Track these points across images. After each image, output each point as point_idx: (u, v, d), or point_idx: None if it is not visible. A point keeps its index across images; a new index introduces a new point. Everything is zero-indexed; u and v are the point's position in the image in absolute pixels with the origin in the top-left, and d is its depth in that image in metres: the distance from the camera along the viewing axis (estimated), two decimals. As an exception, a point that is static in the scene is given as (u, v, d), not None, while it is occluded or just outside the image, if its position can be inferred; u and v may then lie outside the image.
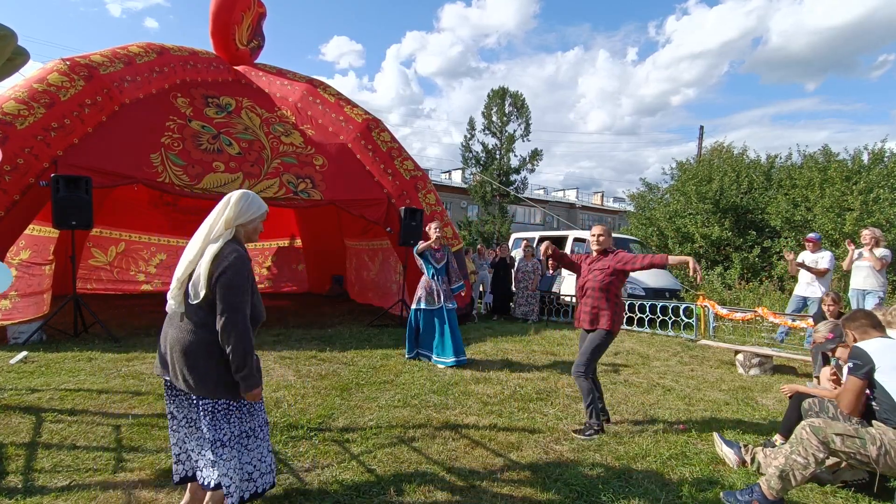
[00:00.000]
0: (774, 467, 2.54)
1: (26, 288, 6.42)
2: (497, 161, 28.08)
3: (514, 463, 3.09)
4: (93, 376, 4.51)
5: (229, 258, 1.98)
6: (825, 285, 6.82)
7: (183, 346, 2.02)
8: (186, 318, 2.04)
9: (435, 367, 5.45)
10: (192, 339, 2.01)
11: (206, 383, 2.02)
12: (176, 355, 2.03)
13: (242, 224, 2.12)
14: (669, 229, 15.70)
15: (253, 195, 2.18)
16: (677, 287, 10.37)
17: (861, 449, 2.42)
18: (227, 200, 2.11)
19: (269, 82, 8.83)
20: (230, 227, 2.08)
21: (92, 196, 5.82)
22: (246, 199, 2.13)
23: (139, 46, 7.48)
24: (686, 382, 5.17)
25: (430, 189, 8.84)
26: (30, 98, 5.89)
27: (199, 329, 2.02)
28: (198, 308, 2.01)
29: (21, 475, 2.66)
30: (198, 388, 2.02)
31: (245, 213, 2.12)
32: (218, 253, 1.99)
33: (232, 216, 2.09)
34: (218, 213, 2.10)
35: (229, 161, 7.04)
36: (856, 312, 2.92)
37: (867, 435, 2.44)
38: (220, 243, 2.02)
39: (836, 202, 12.26)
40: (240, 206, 2.11)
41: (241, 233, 2.14)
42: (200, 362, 2.01)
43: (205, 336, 2.01)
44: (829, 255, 6.86)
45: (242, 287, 1.99)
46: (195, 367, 2.00)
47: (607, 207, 43.82)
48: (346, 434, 3.42)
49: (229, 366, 2.02)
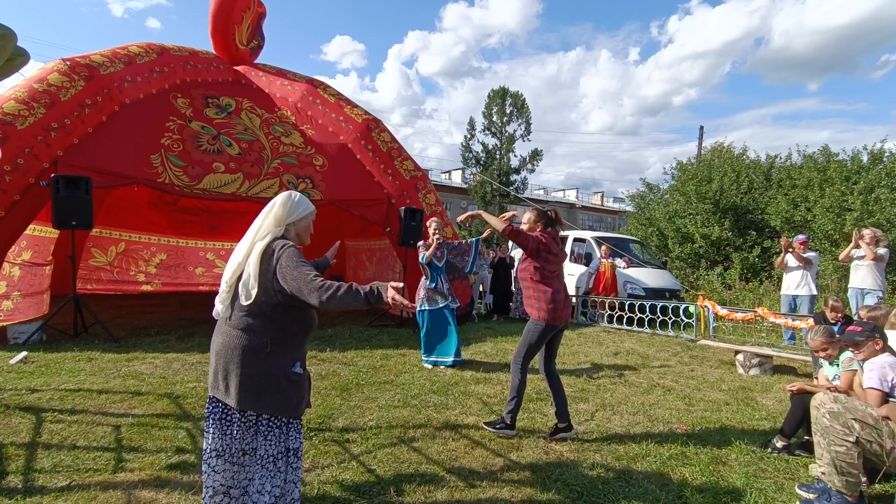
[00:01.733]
0: (827, 466, 2.50)
1: (28, 288, 6.43)
2: (497, 161, 28.09)
3: (514, 463, 3.09)
4: (93, 376, 4.51)
5: (278, 246, 1.94)
6: (813, 283, 6.99)
7: (228, 351, 1.93)
8: (232, 323, 1.96)
9: (435, 367, 5.45)
10: (237, 343, 1.93)
11: (247, 392, 1.91)
12: (220, 362, 1.95)
13: (293, 222, 2.09)
14: (669, 229, 15.71)
15: (299, 195, 2.15)
16: (677, 287, 10.38)
17: (878, 438, 2.41)
18: (274, 202, 2.09)
19: (269, 82, 8.84)
20: (280, 225, 2.04)
21: (92, 196, 5.82)
22: (293, 198, 2.11)
23: (139, 46, 7.49)
24: (686, 382, 5.17)
25: (430, 189, 8.84)
26: (30, 98, 5.89)
27: (245, 334, 1.93)
28: (247, 311, 1.93)
29: (21, 475, 2.66)
30: (239, 397, 1.91)
31: (294, 211, 2.09)
32: (265, 249, 1.94)
33: (282, 214, 2.06)
34: (265, 213, 2.07)
35: (229, 161, 7.04)
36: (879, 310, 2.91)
37: (885, 427, 2.44)
38: (267, 239, 1.98)
39: (837, 202, 12.27)
40: (288, 205, 2.08)
41: (292, 232, 2.10)
42: (244, 369, 1.91)
43: (251, 341, 1.92)
44: (815, 254, 7.18)
45: (304, 264, 1.90)
46: (238, 374, 1.91)
47: (607, 207, 43.83)
48: (346, 434, 3.42)
49: (274, 377, 1.94)
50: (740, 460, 3.21)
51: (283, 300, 1.94)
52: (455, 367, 5.47)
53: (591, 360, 6.08)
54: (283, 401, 1.97)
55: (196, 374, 4.71)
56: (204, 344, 5.97)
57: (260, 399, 1.92)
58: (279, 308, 1.96)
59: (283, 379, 1.97)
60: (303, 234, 2.16)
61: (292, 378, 2.00)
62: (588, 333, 8.10)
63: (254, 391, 1.92)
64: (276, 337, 1.96)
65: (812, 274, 7.01)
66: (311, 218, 2.17)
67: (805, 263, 6.97)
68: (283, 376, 1.97)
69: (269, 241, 1.98)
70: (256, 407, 1.93)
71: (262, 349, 1.93)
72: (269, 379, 1.94)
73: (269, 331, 1.95)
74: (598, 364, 5.90)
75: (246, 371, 1.91)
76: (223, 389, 1.95)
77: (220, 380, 1.95)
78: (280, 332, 1.98)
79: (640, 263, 10.49)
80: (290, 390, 1.98)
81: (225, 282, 1.99)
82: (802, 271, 7.02)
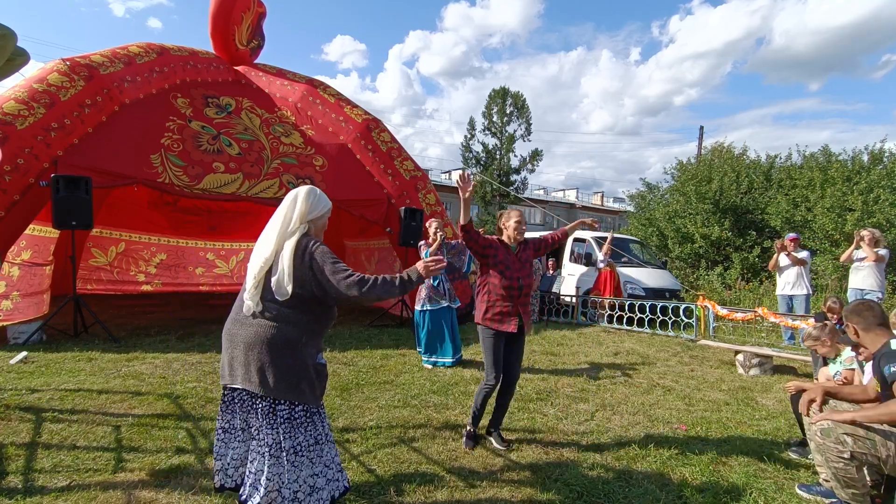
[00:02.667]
0: (832, 480, 2.47)
1: (28, 288, 6.42)
2: (497, 161, 28.09)
3: (514, 463, 3.09)
4: (93, 376, 4.51)
5: (310, 243, 2.01)
6: (807, 282, 7.07)
7: (262, 343, 1.96)
8: (265, 316, 1.99)
9: (435, 367, 5.45)
10: (274, 334, 1.96)
11: (286, 383, 1.96)
12: (252, 354, 1.96)
13: (314, 219, 2.13)
14: (669, 229, 15.70)
15: (319, 191, 2.20)
16: (677, 287, 10.38)
17: (871, 449, 2.37)
18: (295, 197, 2.12)
19: (269, 82, 8.84)
20: (304, 222, 2.09)
21: (92, 196, 5.82)
22: (314, 193, 2.15)
23: (139, 46, 7.49)
24: (686, 382, 5.17)
25: (430, 189, 8.84)
26: (30, 98, 5.89)
27: (282, 325, 1.98)
28: (281, 305, 1.98)
29: (21, 475, 2.66)
30: (276, 388, 1.95)
31: (316, 207, 2.14)
32: (297, 244, 2.00)
33: (305, 210, 2.09)
34: (289, 209, 2.09)
35: (229, 161, 7.04)
36: (859, 304, 2.69)
37: (877, 437, 2.40)
38: (297, 237, 2.02)
39: (837, 202, 12.27)
40: (310, 200, 2.12)
41: (312, 228, 2.14)
42: (282, 360, 1.96)
43: (287, 332, 1.98)
44: (807, 252, 7.26)
45: (337, 262, 1.99)
46: (276, 365, 1.95)
47: (607, 207, 43.82)
48: (347, 434, 3.42)
49: (308, 366, 2.02)
50: (740, 460, 3.20)
51: (317, 294, 2.02)
52: (455, 365, 5.48)
53: (591, 360, 6.08)
54: (314, 390, 2.06)
55: (196, 374, 4.71)
56: (204, 344, 5.97)
57: (298, 389, 1.99)
58: (312, 302, 2.04)
59: (313, 369, 2.06)
60: (319, 231, 2.20)
61: (318, 368, 2.11)
62: (588, 333, 8.10)
63: (293, 382, 1.98)
64: (309, 329, 2.05)
65: (806, 273, 7.05)
66: (328, 216, 2.22)
67: (798, 263, 7.00)
68: (312, 367, 2.06)
69: (298, 237, 2.03)
70: (294, 396, 1.99)
71: (298, 341, 2.00)
72: (304, 370, 2.02)
73: (304, 323, 2.02)
74: (598, 364, 5.90)
75: (285, 362, 1.97)
76: (257, 381, 1.96)
77: (253, 372, 1.97)
78: (313, 324, 2.07)
79: (640, 263, 10.49)
80: (318, 380, 2.09)
81: (253, 277, 2.02)
82: (797, 270, 7.05)
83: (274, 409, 1.99)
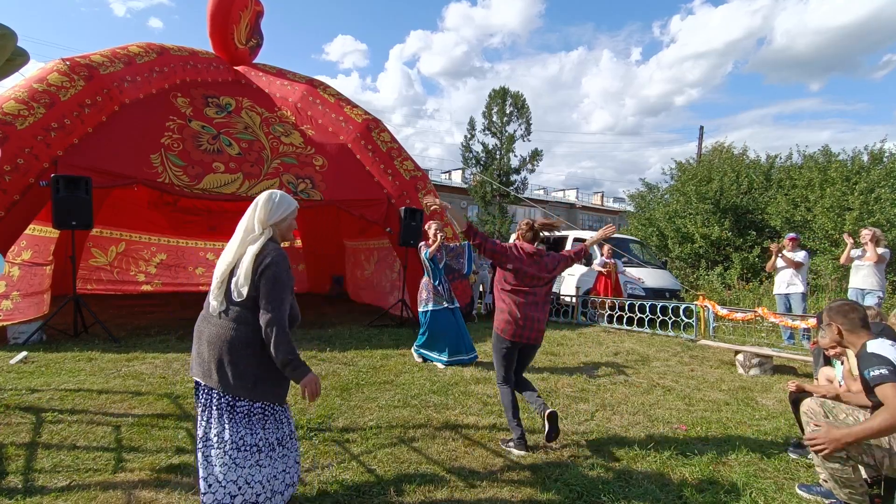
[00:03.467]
0: (830, 480, 2.48)
1: (28, 288, 6.43)
2: (497, 161, 28.07)
3: (514, 463, 3.09)
4: (93, 376, 4.50)
5: (270, 255, 2.04)
6: (803, 281, 7.08)
7: (223, 342, 2.04)
8: (227, 316, 2.07)
9: (435, 367, 5.45)
10: (233, 335, 2.04)
11: (245, 382, 2.04)
12: (213, 352, 2.05)
13: (276, 223, 2.17)
14: (669, 229, 15.70)
15: (280, 194, 2.22)
16: (677, 287, 10.37)
17: (867, 451, 2.38)
18: (256, 203, 2.17)
19: (269, 82, 8.84)
20: (266, 228, 2.13)
21: (92, 196, 5.82)
22: (272, 199, 2.17)
23: (139, 46, 7.49)
24: (686, 382, 5.17)
25: (429, 189, 8.84)
26: (30, 98, 5.89)
27: (241, 326, 2.05)
28: (240, 306, 2.05)
29: (21, 475, 2.66)
30: (235, 386, 2.03)
31: (276, 212, 2.16)
32: (258, 252, 2.04)
33: (264, 216, 2.13)
34: (250, 216, 2.15)
35: (229, 161, 7.04)
36: (844, 305, 2.64)
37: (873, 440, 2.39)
38: (259, 243, 2.07)
39: (837, 202, 12.27)
40: (268, 206, 2.15)
41: (277, 232, 2.18)
42: (241, 360, 2.04)
43: (246, 333, 2.04)
44: (804, 253, 7.24)
45: (286, 283, 2.05)
46: (235, 364, 2.03)
47: (607, 207, 43.81)
48: (347, 434, 3.42)
49: (268, 366, 2.06)
50: (740, 460, 3.21)
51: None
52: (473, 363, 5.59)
53: (591, 360, 6.08)
54: (274, 390, 2.13)
55: (196, 374, 4.71)
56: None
57: (256, 389, 2.06)
58: None
59: (275, 369, 2.08)
60: (286, 233, 2.24)
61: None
62: (588, 333, 8.10)
63: (251, 382, 2.05)
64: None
65: (802, 272, 7.06)
66: (292, 217, 2.24)
67: (794, 266, 7.01)
68: (273, 367, 2.08)
69: (262, 243, 2.08)
70: (253, 396, 2.07)
71: (257, 342, 2.05)
72: (263, 371, 2.08)
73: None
74: (598, 364, 5.90)
75: (243, 362, 2.04)
76: (216, 378, 2.04)
77: (213, 370, 2.05)
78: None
79: (640, 263, 10.49)
80: (281, 381, 2.14)
81: (216, 278, 2.10)
82: (792, 269, 7.08)
83: (233, 406, 2.07)
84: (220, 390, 2.05)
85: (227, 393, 2.05)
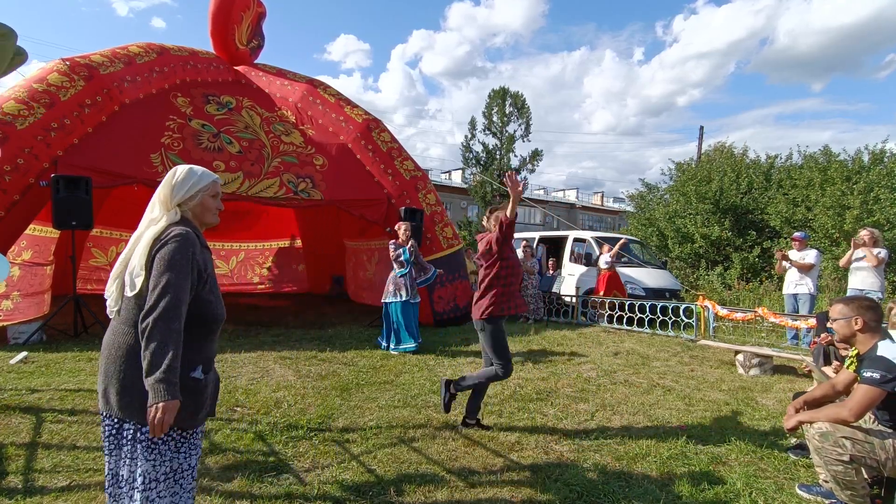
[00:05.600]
0: (831, 482, 2.47)
1: (28, 288, 6.43)
2: (497, 161, 28.08)
3: (514, 463, 3.09)
4: (93, 376, 4.50)
5: (168, 236, 1.66)
6: (813, 282, 6.97)
7: (111, 350, 1.67)
8: (120, 318, 1.70)
9: (435, 367, 5.45)
10: (123, 340, 1.65)
11: (130, 399, 1.62)
12: (102, 363, 1.68)
13: (184, 201, 1.78)
14: (669, 229, 15.71)
15: (187, 167, 1.82)
16: (677, 287, 10.37)
17: (870, 453, 2.37)
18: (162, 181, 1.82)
19: (269, 82, 8.84)
20: (171, 208, 1.75)
21: (92, 196, 5.82)
22: (174, 173, 1.79)
23: (139, 46, 7.49)
24: (686, 382, 5.17)
25: (430, 189, 8.84)
26: (30, 98, 5.89)
27: (133, 329, 1.64)
28: (134, 303, 1.66)
29: (21, 475, 2.66)
30: (120, 405, 1.63)
31: (181, 188, 1.77)
32: (157, 234, 1.67)
33: (167, 194, 1.76)
34: (154, 197, 1.79)
35: (230, 160, 7.04)
36: (871, 302, 2.61)
37: (875, 440, 2.40)
38: (160, 225, 1.69)
39: (837, 202, 12.28)
40: (172, 183, 1.77)
41: (189, 214, 1.80)
42: (129, 371, 1.63)
43: (137, 337, 1.61)
44: (815, 252, 7.07)
45: (179, 264, 1.62)
46: (120, 378, 1.63)
47: (607, 207, 43.82)
48: (346, 434, 3.42)
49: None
50: (740, 460, 3.20)
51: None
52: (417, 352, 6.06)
53: (591, 360, 6.08)
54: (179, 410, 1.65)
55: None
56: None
57: (145, 409, 1.57)
58: None
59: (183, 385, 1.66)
60: (201, 214, 1.83)
61: (188, 384, 1.67)
62: (588, 333, 8.10)
63: (138, 397, 1.60)
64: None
65: (812, 272, 6.98)
66: (206, 193, 1.82)
67: (805, 269, 6.92)
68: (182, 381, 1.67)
69: (162, 226, 1.70)
70: (140, 418, 1.61)
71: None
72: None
73: None
74: (597, 364, 5.90)
75: (131, 373, 1.62)
76: (102, 397, 1.67)
77: (99, 383, 1.68)
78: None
79: (640, 263, 10.48)
80: (187, 398, 1.65)
81: (114, 269, 1.73)
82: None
83: (119, 430, 1.68)
84: (104, 411, 1.68)
85: (111, 414, 1.66)
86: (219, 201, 1.89)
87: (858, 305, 2.58)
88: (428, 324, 7.73)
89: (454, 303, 8.37)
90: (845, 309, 2.59)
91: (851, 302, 2.62)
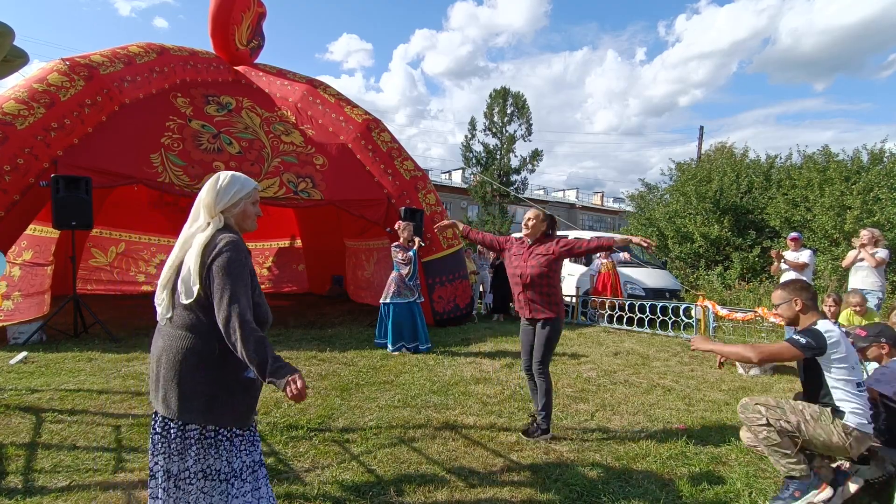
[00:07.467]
0: (771, 456, 2.61)
1: (29, 288, 6.43)
2: (497, 161, 28.08)
3: (514, 463, 3.09)
4: (93, 376, 4.51)
5: (220, 243, 1.70)
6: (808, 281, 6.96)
7: (169, 355, 1.72)
8: (174, 323, 1.75)
9: (435, 367, 5.45)
10: (180, 344, 1.71)
11: (192, 403, 1.70)
12: (160, 369, 1.75)
13: (227, 208, 1.82)
14: (669, 229, 15.71)
15: (229, 174, 1.87)
16: (677, 287, 10.37)
17: (783, 416, 2.54)
18: (204, 188, 1.86)
19: (269, 82, 8.84)
20: (215, 215, 1.80)
21: (92, 196, 5.82)
22: (217, 180, 1.84)
23: (139, 46, 7.49)
24: (686, 382, 5.17)
25: (430, 189, 8.84)
26: (30, 98, 5.90)
27: (189, 333, 1.71)
28: (189, 309, 1.71)
29: (21, 475, 2.67)
30: (181, 409, 1.70)
31: (225, 195, 1.82)
32: (207, 242, 1.72)
33: (211, 201, 1.80)
34: (196, 204, 1.83)
35: (229, 160, 7.04)
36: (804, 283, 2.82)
37: (787, 405, 2.59)
38: (207, 232, 1.74)
39: (836, 202, 12.27)
40: (215, 191, 1.82)
41: (231, 220, 1.85)
42: (188, 376, 1.70)
43: (195, 342, 1.70)
44: (809, 252, 7.15)
45: (238, 271, 1.69)
46: (180, 382, 1.70)
47: (607, 207, 43.82)
48: (346, 434, 3.42)
49: (224, 382, 1.73)
50: (740, 460, 3.21)
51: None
52: (424, 352, 6.10)
53: (590, 360, 6.08)
54: (234, 411, 1.76)
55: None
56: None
57: (208, 412, 1.71)
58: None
59: (235, 385, 1.76)
60: (242, 221, 1.89)
61: (245, 384, 1.78)
62: (588, 333, 8.10)
63: (201, 402, 1.70)
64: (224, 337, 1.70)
65: (806, 272, 7.00)
66: (248, 200, 1.88)
67: (798, 268, 6.95)
68: (234, 382, 1.76)
69: (210, 233, 1.74)
70: (203, 420, 1.72)
71: (210, 352, 1.72)
72: (219, 387, 1.73)
73: (216, 330, 1.69)
74: (597, 364, 5.90)
75: (191, 377, 1.70)
76: (161, 399, 1.74)
77: (159, 388, 1.74)
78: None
79: (640, 263, 10.49)
80: (243, 397, 1.78)
81: (161, 278, 1.78)
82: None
83: (184, 432, 1.74)
84: (167, 415, 1.74)
85: (174, 418, 1.73)
86: (258, 207, 1.95)
87: (794, 288, 2.77)
88: (428, 324, 7.73)
89: (454, 303, 8.37)
90: (784, 293, 2.78)
91: (788, 286, 2.81)
